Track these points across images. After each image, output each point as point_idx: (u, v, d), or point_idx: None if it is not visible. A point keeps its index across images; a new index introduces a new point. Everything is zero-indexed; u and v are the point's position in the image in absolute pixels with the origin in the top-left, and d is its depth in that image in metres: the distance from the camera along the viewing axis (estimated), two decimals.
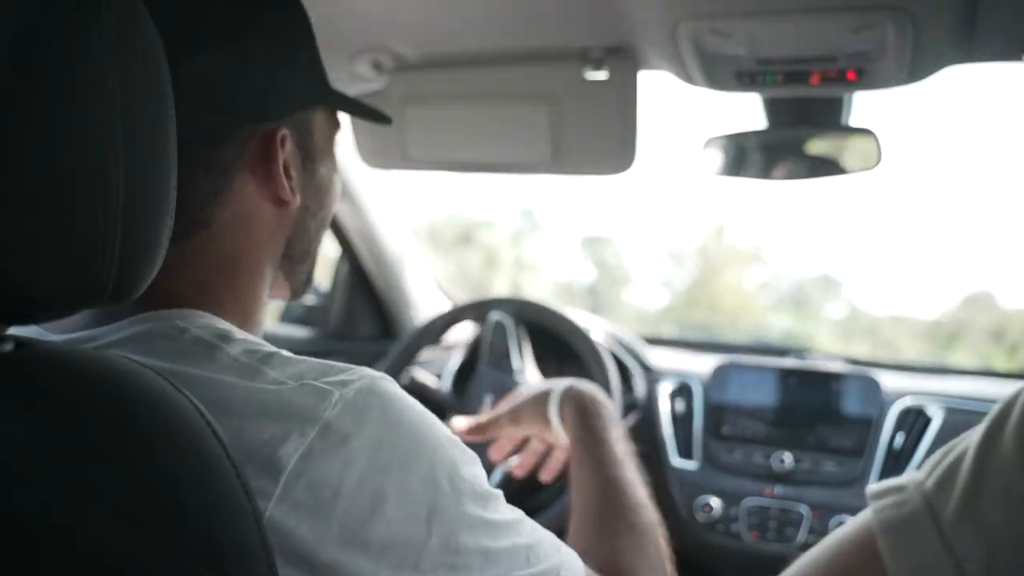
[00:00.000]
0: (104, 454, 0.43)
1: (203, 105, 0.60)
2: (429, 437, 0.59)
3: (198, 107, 0.59)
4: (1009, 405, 0.41)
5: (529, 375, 1.46)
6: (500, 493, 0.63)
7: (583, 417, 0.92)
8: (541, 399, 0.97)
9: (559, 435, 0.95)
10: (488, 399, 1.45)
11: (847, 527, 0.45)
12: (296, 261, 0.72)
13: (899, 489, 0.43)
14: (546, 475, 1.02)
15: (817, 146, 1.19)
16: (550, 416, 0.95)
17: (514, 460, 1.06)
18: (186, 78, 0.57)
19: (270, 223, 0.68)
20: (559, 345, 1.56)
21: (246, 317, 0.67)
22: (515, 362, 1.47)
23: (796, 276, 5.39)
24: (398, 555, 0.55)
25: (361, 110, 0.77)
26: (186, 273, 0.64)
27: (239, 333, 0.62)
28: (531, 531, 0.63)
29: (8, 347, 0.45)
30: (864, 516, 0.44)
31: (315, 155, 0.70)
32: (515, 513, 0.63)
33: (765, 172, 1.28)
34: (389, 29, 1.15)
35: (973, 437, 0.42)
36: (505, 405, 1.02)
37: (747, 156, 1.30)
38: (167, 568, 0.42)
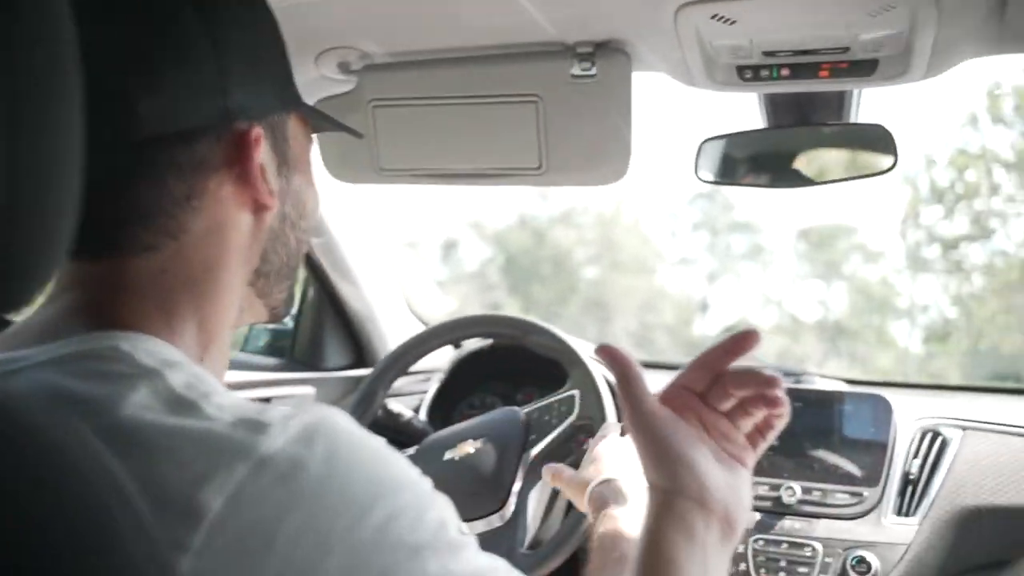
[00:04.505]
0: None
1: (174, 100, 0.56)
2: (387, 479, 0.52)
3: (167, 102, 0.56)
4: None
5: None
6: (473, 540, 0.55)
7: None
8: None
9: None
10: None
11: None
12: (273, 278, 0.68)
13: None
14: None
15: (825, 147, 1.10)
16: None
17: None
18: (155, 71, 0.55)
19: (246, 232, 0.63)
20: (542, 366, 1.45)
21: (209, 342, 0.62)
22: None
23: None
24: None
25: (328, 121, 0.73)
26: (151, 291, 0.59)
27: (189, 365, 0.55)
28: None
29: None
30: None
31: (291, 162, 0.67)
32: (492, 561, 0.55)
33: (766, 179, 1.19)
34: (355, 25, 1.04)
35: None
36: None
37: (745, 161, 1.20)
38: None
